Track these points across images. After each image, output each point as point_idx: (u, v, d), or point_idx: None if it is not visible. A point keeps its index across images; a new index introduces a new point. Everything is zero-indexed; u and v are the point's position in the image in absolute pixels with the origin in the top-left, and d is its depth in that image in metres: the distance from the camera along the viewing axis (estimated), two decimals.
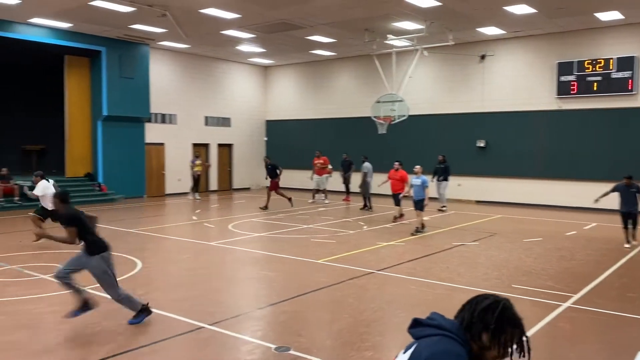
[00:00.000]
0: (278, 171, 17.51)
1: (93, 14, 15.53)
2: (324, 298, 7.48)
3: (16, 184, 17.19)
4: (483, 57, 19.32)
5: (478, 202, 19.52)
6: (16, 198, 16.97)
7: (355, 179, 18.65)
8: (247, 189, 25.02)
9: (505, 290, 7.48)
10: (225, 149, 24.45)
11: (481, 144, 19.46)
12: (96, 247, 6.04)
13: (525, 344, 1.99)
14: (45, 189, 11.02)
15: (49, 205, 10.52)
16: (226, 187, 24.56)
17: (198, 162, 20.83)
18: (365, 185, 17.22)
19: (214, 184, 23.95)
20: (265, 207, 16.85)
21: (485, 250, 10.87)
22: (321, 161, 19.46)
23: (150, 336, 5.85)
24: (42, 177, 11.27)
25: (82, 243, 6.08)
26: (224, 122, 24.26)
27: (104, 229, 13.46)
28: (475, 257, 10.15)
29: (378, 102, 18.48)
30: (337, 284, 8.09)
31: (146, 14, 15.50)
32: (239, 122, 24.90)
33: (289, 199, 17.52)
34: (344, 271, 8.84)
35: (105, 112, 19.42)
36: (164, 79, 21.62)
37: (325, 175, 19.45)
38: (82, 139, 19.88)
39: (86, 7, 14.83)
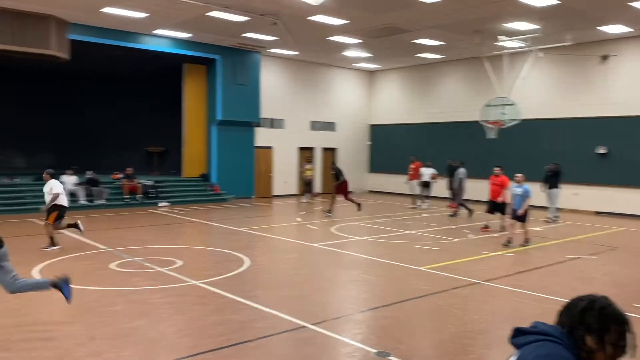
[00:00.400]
0: (341, 178, 17.27)
1: (209, 24, 16.51)
2: (426, 306, 7.34)
3: (139, 183, 18.70)
4: (605, 57, 17.94)
5: (597, 213, 18.13)
6: (139, 195, 18.44)
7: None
8: (349, 192, 25.16)
9: (625, 310, 6.88)
10: (330, 152, 24.83)
11: (602, 150, 18.05)
12: None
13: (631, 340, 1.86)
14: (53, 187, 10.73)
15: (56, 201, 10.64)
16: (330, 190, 24.87)
17: (308, 166, 21.38)
18: (459, 191, 16.74)
19: (318, 187, 24.39)
20: (359, 207, 16.82)
21: (603, 265, 10.07)
22: (413, 166, 19.29)
23: (256, 332, 6.09)
24: (52, 176, 10.95)
25: None
26: (329, 126, 24.66)
27: (217, 227, 14.24)
28: (591, 272, 9.45)
29: (488, 105, 17.80)
30: (439, 292, 7.91)
31: (258, 23, 16.20)
32: (344, 126, 25.18)
33: (329, 210, 17.01)
34: (447, 280, 8.62)
35: (219, 117, 20.54)
36: (273, 85, 22.42)
37: (415, 181, 19.26)
38: (198, 142, 21.17)
39: (203, 18, 15.80)
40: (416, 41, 18.54)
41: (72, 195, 17.04)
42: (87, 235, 12.09)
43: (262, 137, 22.16)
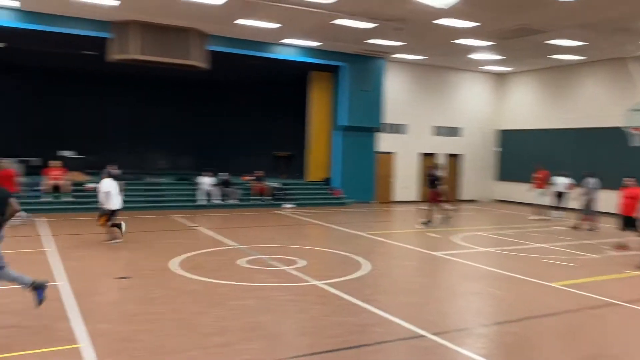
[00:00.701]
0: (437, 182, 16.32)
1: (335, 32, 16.87)
2: (558, 325, 6.86)
3: (267, 185, 19.63)
4: None
5: None
6: (267, 197, 19.35)
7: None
8: (474, 201, 24.30)
9: None
10: (453, 158, 24.15)
11: None
12: None
13: None
14: (105, 187, 11.25)
15: (106, 203, 11.19)
16: (452, 197, 24.18)
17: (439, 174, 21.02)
18: (588, 203, 15.38)
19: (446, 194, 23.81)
20: (429, 221, 15.72)
21: None
22: (538, 175, 18.13)
23: (374, 336, 6.10)
24: (109, 176, 11.56)
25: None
26: (453, 131, 24.00)
27: (337, 230, 14.47)
28: None
29: (633, 110, 16.23)
30: (573, 311, 7.35)
31: (383, 29, 16.24)
32: (469, 131, 24.36)
33: (448, 213, 16.27)
34: (581, 298, 7.98)
35: (342, 123, 20.91)
36: (396, 90, 22.34)
37: (540, 190, 18.11)
38: (322, 147, 21.73)
39: (330, 26, 16.18)
40: (551, 42, 17.41)
41: (208, 194, 18.39)
42: (220, 232, 12.95)
43: (384, 142, 22.16)
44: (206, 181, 18.46)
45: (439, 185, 16.02)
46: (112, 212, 11.35)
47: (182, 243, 11.64)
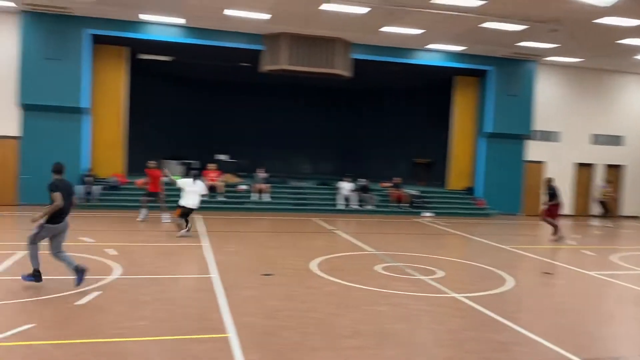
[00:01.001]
0: (556, 199, 14.48)
1: (483, 35, 16.28)
2: None
3: (405, 192, 19.49)
4: None
5: None
6: (405, 204, 19.22)
7: None
8: (638, 217, 21.84)
9: None
10: (613, 170, 21.94)
11: None
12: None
13: None
14: (184, 184, 12.43)
15: (186, 201, 12.17)
16: (613, 213, 21.94)
17: (607, 188, 19.47)
18: None
19: (594, 209, 21.77)
20: (559, 237, 14.20)
21: None
22: None
23: (518, 356, 5.78)
24: (196, 177, 12.67)
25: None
26: (614, 140, 21.82)
27: (479, 242, 13.92)
28: None
29: None
30: None
31: (536, 31, 15.33)
32: (633, 140, 21.97)
33: (556, 227, 14.44)
34: None
35: (488, 129, 20.07)
36: (548, 95, 20.92)
37: None
38: (465, 154, 21.04)
39: (477, 30, 15.66)
40: None
41: (346, 199, 18.77)
42: (358, 237, 13.16)
43: (534, 150, 20.85)
44: (345, 186, 18.87)
45: (555, 199, 14.63)
46: (184, 208, 12.30)
47: (322, 245, 12.03)
